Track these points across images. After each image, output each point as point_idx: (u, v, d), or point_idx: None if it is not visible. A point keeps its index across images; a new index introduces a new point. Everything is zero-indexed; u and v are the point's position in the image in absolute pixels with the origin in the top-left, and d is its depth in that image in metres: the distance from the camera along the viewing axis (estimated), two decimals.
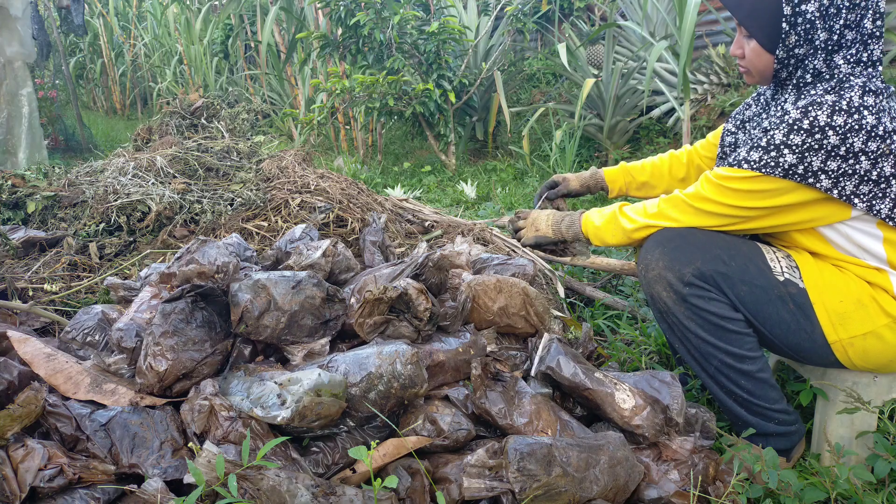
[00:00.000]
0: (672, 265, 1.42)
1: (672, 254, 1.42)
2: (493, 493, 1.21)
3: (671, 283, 1.42)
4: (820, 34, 1.33)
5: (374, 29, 4.61)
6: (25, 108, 4.67)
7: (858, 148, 1.26)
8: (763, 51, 1.41)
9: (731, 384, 1.44)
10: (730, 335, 1.41)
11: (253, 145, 3.14)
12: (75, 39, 10.17)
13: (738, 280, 1.39)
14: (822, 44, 1.34)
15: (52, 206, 2.60)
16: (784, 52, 1.38)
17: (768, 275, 1.40)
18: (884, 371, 1.43)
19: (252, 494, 1.07)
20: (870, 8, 1.31)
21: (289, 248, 1.92)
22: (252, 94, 7.33)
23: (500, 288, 1.73)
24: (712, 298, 1.40)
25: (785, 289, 1.39)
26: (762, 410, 1.45)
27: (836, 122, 1.26)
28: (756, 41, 1.40)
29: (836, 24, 1.32)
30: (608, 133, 4.80)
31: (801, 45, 1.35)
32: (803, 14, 1.32)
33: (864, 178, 1.29)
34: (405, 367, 1.33)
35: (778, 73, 1.43)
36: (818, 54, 1.35)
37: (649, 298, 1.49)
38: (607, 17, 5.85)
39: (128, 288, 1.78)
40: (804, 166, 1.29)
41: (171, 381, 1.36)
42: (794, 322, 1.39)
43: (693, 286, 1.40)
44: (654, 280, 1.45)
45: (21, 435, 1.19)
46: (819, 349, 1.40)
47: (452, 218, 2.99)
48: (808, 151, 1.28)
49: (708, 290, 1.40)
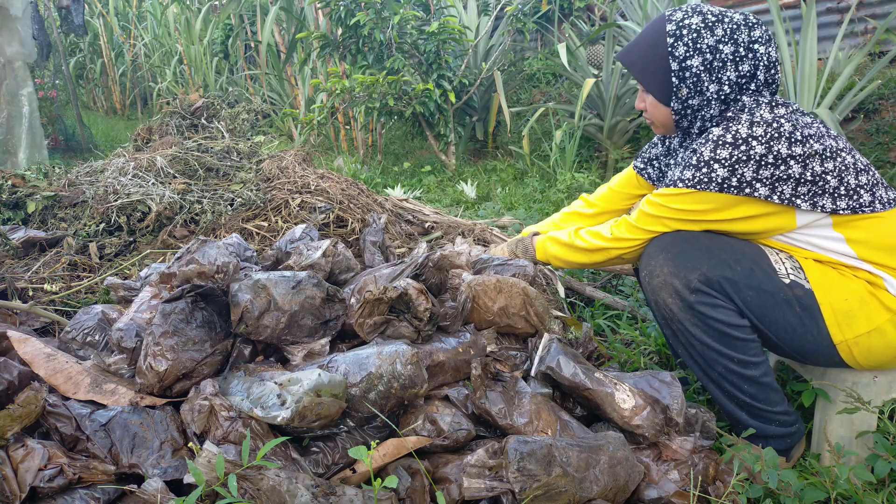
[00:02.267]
0: (678, 271, 1.40)
1: (677, 259, 1.41)
2: (493, 493, 1.21)
3: (677, 290, 1.41)
4: (709, 86, 1.41)
5: (374, 29, 4.60)
6: (26, 108, 4.67)
7: (785, 153, 1.30)
8: (659, 104, 1.50)
9: (735, 389, 1.44)
10: (735, 342, 1.40)
11: (253, 145, 3.14)
12: (75, 39, 10.17)
13: (745, 285, 1.38)
14: (714, 94, 1.41)
15: (52, 206, 2.60)
16: (678, 104, 1.46)
17: (774, 278, 1.39)
18: (887, 368, 1.43)
19: (252, 494, 1.07)
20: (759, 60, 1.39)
21: (289, 248, 1.92)
22: (252, 94, 7.33)
23: (500, 288, 1.73)
24: (719, 305, 1.39)
25: (791, 291, 1.38)
26: (764, 414, 1.44)
27: (756, 133, 1.31)
28: (652, 96, 1.50)
29: (724, 76, 1.39)
30: (608, 133, 4.80)
31: (693, 96, 1.43)
32: (689, 69, 1.41)
33: (799, 181, 1.32)
34: (405, 367, 1.33)
35: (679, 123, 1.51)
36: (712, 104, 1.43)
37: (653, 305, 1.48)
38: (607, 17, 5.85)
39: (128, 288, 1.78)
40: (737, 178, 1.32)
41: (171, 381, 1.36)
42: (801, 325, 1.38)
43: (700, 293, 1.39)
44: (660, 287, 1.43)
45: (21, 435, 1.19)
46: (824, 350, 1.40)
47: (452, 218, 3.00)
48: (737, 164, 1.32)
49: (715, 296, 1.39)
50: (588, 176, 4.09)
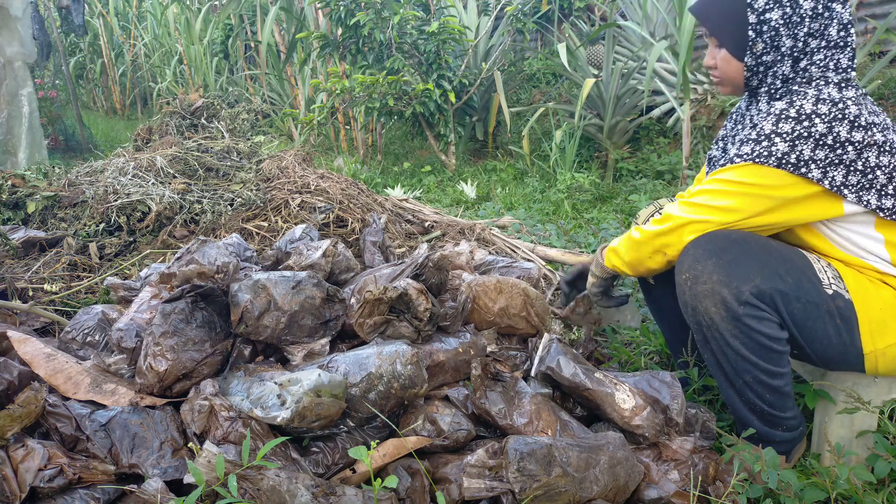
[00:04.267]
0: (729, 281, 1.33)
1: (729, 267, 1.34)
2: (493, 493, 1.21)
3: (725, 300, 1.33)
4: (785, 41, 1.37)
5: (374, 29, 4.60)
6: (25, 108, 4.67)
7: (844, 137, 1.28)
8: (732, 59, 1.45)
9: (756, 398, 1.41)
10: (773, 355, 1.36)
11: (253, 145, 3.14)
12: (75, 39, 10.17)
13: (794, 297, 1.34)
14: (789, 50, 1.38)
15: (52, 206, 2.60)
16: (752, 60, 1.42)
17: (820, 289, 1.35)
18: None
19: (252, 494, 1.07)
20: (833, 18, 1.35)
21: (289, 248, 1.92)
22: (252, 94, 7.33)
23: (501, 289, 1.73)
24: (765, 319, 1.34)
25: (833, 303, 1.35)
26: (775, 420, 1.43)
27: (820, 111, 1.29)
28: (726, 50, 1.45)
29: (801, 31, 1.36)
30: (608, 133, 4.80)
31: (769, 51, 1.39)
32: (768, 22, 1.37)
33: (850, 168, 1.29)
34: (405, 367, 1.33)
35: (749, 81, 1.47)
36: (785, 60, 1.39)
37: (690, 310, 1.41)
38: (607, 17, 5.85)
39: (128, 288, 1.78)
40: (796, 155, 1.29)
41: (171, 381, 1.36)
42: (837, 336, 1.36)
43: (749, 305, 1.33)
44: (705, 294, 1.36)
45: (21, 435, 1.19)
46: (849, 359, 1.38)
47: (452, 218, 3.00)
48: (797, 139, 1.29)
49: (763, 310, 1.34)
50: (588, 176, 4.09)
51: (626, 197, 3.90)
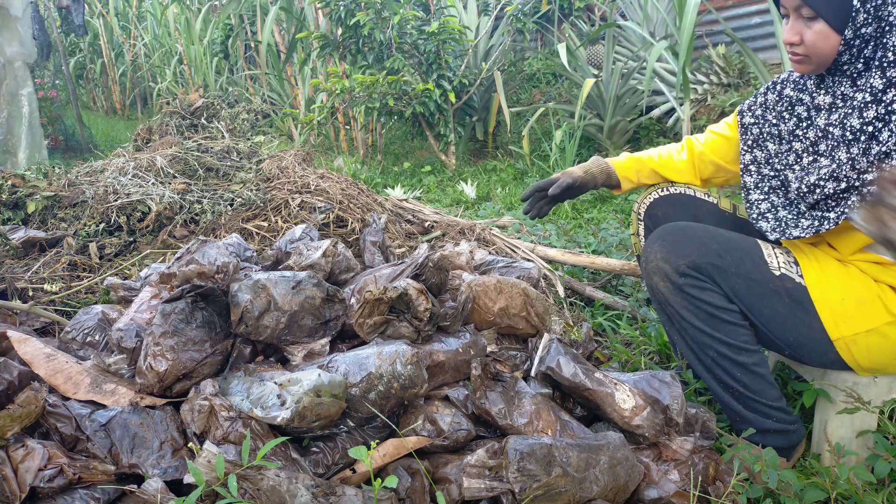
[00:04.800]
0: (669, 257, 1.45)
1: (670, 246, 1.46)
2: (493, 493, 1.21)
3: (668, 274, 1.45)
4: (892, 10, 1.27)
5: (374, 29, 4.61)
6: (25, 108, 4.67)
7: None
8: (831, 32, 1.32)
9: (727, 376, 1.45)
10: (725, 325, 1.43)
11: (253, 145, 3.14)
12: (75, 39, 10.18)
13: (733, 273, 1.41)
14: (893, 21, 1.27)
15: (52, 206, 2.60)
16: (852, 32, 1.31)
17: (764, 269, 1.41)
18: (889, 371, 1.42)
19: (252, 494, 1.07)
20: None
21: (289, 248, 1.92)
22: (252, 94, 7.33)
23: (501, 289, 1.73)
24: (706, 288, 1.42)
25: (781, 283, 1.40)
26: (759, 406, 1.45)
27: None
28: (824, 21, 1.32)
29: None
30: (608, 133, 4.81)
31: (870, 22, 1.29)
32: None
33: None
34: (405, 367, 1.33)
35: (839, 57, 1.35)
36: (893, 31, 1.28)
37: (649, 289, 1.53)
38: (607, 17, 5.85)
39: (128, 288, 1.78)
40: None
41: (171, 381, 1.36)
42: (791, 316, 1.40)
43: (687, 276, 1.43)
44: (653, 271, 1.48)
45: (21, 435, 1.19)
46: (819, 346, 1.40)
47: (452, 218, 3.00)
48: None
49: (703, 279, 1.42)
50: None
51: (626, 197, 3.90)
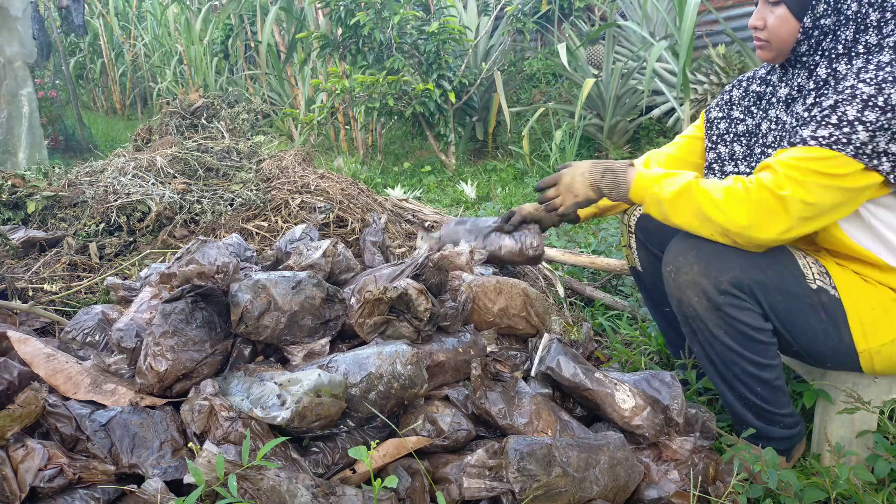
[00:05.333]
0: (709, 271, 1.34)
1: (710, 259, 1.35)
2: (493, 493, 1.21)
3: (705, 290, 1.35)
4: (851, 4, 1.29)
5: (374, 29, 4.61)
6: (25, 108, 4.67)
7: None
8: (791, 17, 1.35)
9: (747, 391, 1.41)
10: (757, 345, 1.37)
11: (253, 145, 3.14)
12: (75, 39, 10.17)
13: (774, 288, 1.34)
14: (851, 15, 1.29)
15: (52, 206, 2.60)
16: (811, 21, 1.33)
17: (802, 283, 1.35)
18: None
19: (252, 494, 1.07)
20: None
21: (289, 248, 1.92)
22: (252, 94, 7.33)
23: (500, 289, 1.73)
24: (746, 308, 1.35)
25: (818, 297, 1.35)
26: (770, 416, 1.43)
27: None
28: (785, 6, 1.35)
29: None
30: (608, 133, 4.81)
31: (829, 14, 1.31)
32: None
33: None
34: (405, 367, 1.33)
35: (797, 46, 1.37)
36: (849, 25, 1.30)
37: (676, 301, 1.43)
38: (607, 17, 5.85)
39: (128, 288, 1.78)
40: (873, 146, 1.22)
41: (171, 381, 1.36)
42: (823, 331, 1.36)
43: (729, 295, 1.34)
44: (686, 285, 1.37)
45: (21, 435, 1.19)
46: (842, 357, 1.37)
47: (452, 218, 2.99)
48: (879, 130, 1.21)
49: (743, 299, 1.34)
50: None
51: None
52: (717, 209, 1.32)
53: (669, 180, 1.41)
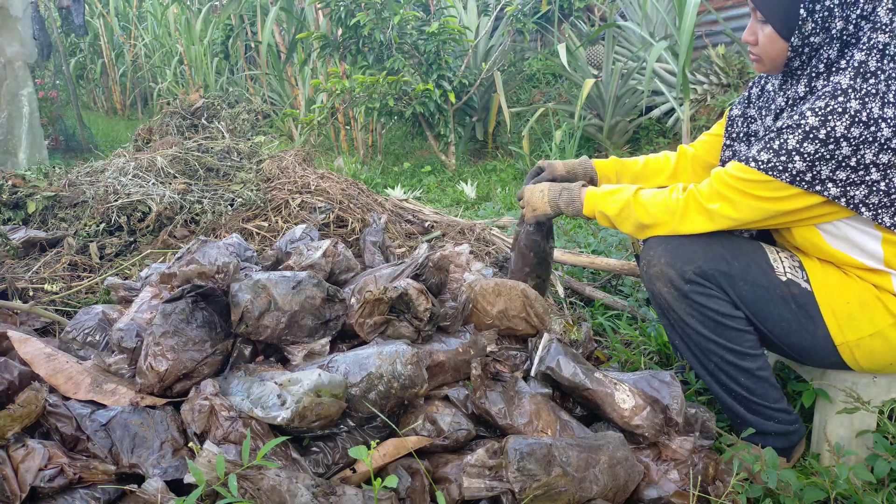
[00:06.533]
0: (674, 262, 1.42)
1: (675, 251, 1.43)
2: (493, 492, 1.21)
3: (672, 280, 1.43)
4: (837, 23, 1.30)
5: (374, 29, 4.61)
6: (26, 109, 4.67)
7: (869, 160, 1.23)
8: (778, 37, 1.37)
9: (731, 381, 1.45)
10: (730, 332, 1.42)
11: (253, 145, 3.14)
12: (76, 40, 10.18)
13: (740, 279, 1.39)
14: (838, 34, 1.30)
15: (52, 207, 2.60)
16: (799, 40, 1.35)
17: (771, 275, 1.40)
18: (890, 371, 1.42)
19: (252, 494, 1.07)
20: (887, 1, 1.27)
21: (289, 248, 1.92)
22: (252, 94, 7.33)
23: (499, 291, 1.73)
24: (713, 295, 1.41)
25: (787, 289, 1.39)
26: (761, 409, 1.45)
27: (852, 134, 1.22)
28: (771, 27, 1.37)
29: (853, 13, 1.28)
30: (608, 133, 4.81)
31: (817, 32, 1.32)
32: (821, 1, 1.29)
33: (872, 189, 1.26)
34: (405, 367, 1.33)
35: (790, 62, 1.39)
36: (833, 44, 1.31)
37: (650, 294, 1.50)
38: (607, 17, 5.85)
39: (128, 288, 1.78)
40: (812, 174, 1.26)
41: (171, 381, 1.36)
42: (796, 322, 1.39)
43: (694, 283, 1.41)
44: (656, 276, 1.45)
45: (21, 435, 1.19)
46: (822, 350, 1.40)
47: (452, 218, 3.00)
48: (818, 161, 1.25)
49: (709, 287, 1.40)
50: None
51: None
52: (652, 220, 1.47)
53: (614, 197, 1.56)
